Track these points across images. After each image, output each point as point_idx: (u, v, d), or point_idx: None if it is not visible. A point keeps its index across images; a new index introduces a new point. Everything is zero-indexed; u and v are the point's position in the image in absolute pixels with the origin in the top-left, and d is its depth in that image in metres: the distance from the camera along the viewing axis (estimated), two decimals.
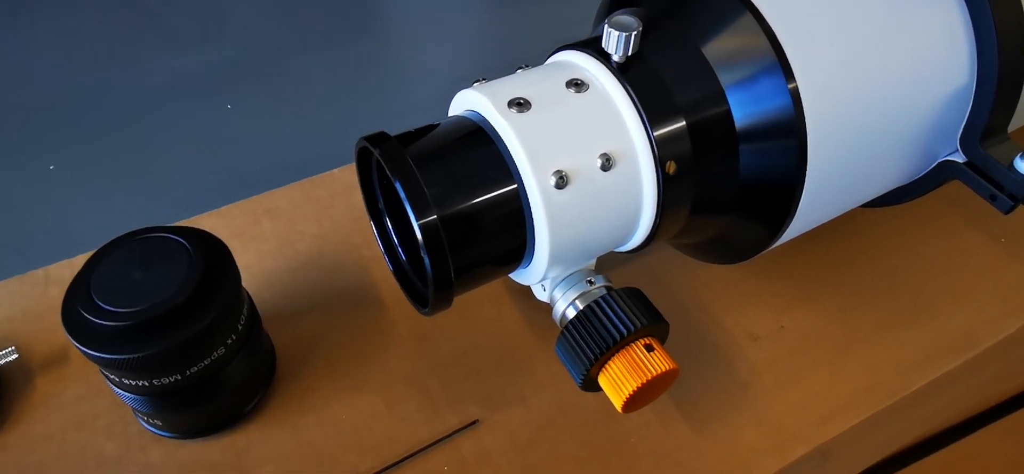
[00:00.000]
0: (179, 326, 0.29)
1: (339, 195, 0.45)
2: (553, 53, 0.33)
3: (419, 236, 0.26)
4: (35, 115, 0.87)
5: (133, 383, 0.30)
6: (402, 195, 0.27)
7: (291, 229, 0.43)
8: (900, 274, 0.41)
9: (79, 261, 0.41)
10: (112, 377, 0.31)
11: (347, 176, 0.46)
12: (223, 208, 0.44)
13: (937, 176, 0.36)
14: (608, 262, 0.40)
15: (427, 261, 0.27)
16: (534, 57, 0.35)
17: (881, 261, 0.42)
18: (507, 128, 0.28)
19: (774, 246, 0.34)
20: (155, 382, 0.30)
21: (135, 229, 0.32)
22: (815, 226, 0.35)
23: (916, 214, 0.44)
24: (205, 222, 0.43)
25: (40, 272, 0.41)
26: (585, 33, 0.34)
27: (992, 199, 0.33)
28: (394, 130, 0.29)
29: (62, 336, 0.37)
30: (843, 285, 0.41)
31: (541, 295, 0.32)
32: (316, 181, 0.46)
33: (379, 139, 0.28)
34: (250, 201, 0.45)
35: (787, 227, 0.32)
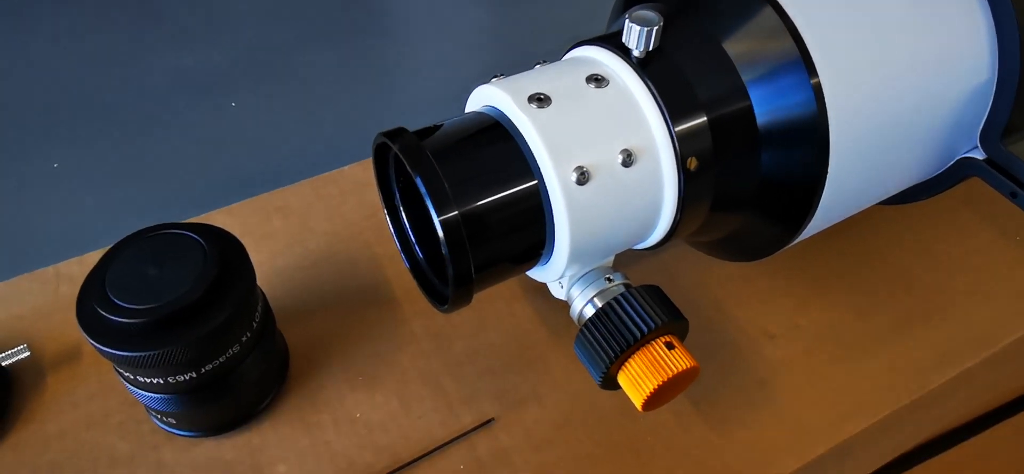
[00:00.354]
0: (195, 323, 0.29)
1: (350, 192, 0.45)
2: (571, 48, 0.32)
3: (440, 232, 0.26)
4: (37, 114, 0.87)
5: (147, 381, 0.30)
6: (422, 191, 0.26)
7: (302, 227, 0.43)
8: (916, 272, 0.41)
9: (90, 259, 0.40)
10: (126, 374, 0.31)
11: (358, 173, 0.46)
12: (234, 205, 0.44)
13: (956, 173, 0.36)
14: (622, 260, 0.40)
15: (447, 257, 0.27)
16: (538, 56, 0.34)
17: (897, 259, 0.42)
18: (528, 123, 0.27)
19: (792, 243, 0.34)
20: (169, 379, 0.30)
21: (146, 226, 0.32)
22: (834, 223, 0.35)
23: (932, 213, 0.43)
24: (216, 219, 0.43)
25: (50, 269, 0.40)
26: (589, 32, 0.34)
27: (1012, 196, 0.33)
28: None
29: (73, 334, 0.37)
30: (858, 283, 0.40)
31: (558, 292, 0.32)
32: (326, 178, 0.46)
33: (397, 134, 0.28)
34: (261, 199, 0.45)
35: (808, 224, 0.31)
